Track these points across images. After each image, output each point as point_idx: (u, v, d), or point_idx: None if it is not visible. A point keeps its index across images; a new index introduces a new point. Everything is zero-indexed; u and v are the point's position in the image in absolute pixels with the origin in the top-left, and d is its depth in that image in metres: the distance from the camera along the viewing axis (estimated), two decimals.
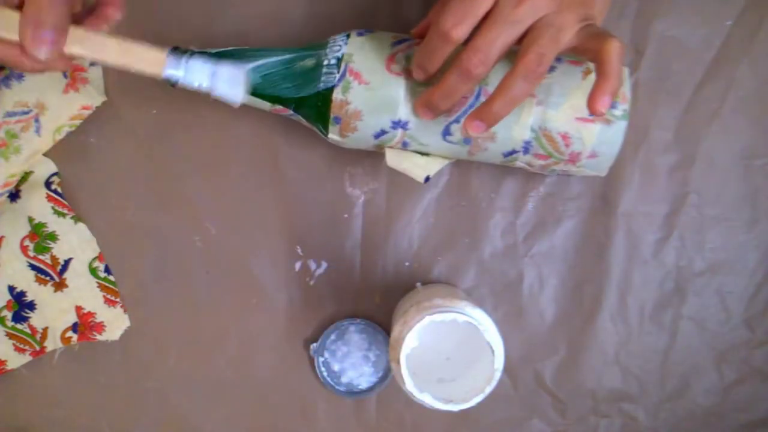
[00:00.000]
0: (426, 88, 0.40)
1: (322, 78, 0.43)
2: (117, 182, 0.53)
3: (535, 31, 0.36)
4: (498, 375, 0.41)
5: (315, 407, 0.54)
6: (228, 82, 0.43)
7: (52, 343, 0.53)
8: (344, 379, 0.54)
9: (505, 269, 0.53)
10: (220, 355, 0.54)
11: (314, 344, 0.53)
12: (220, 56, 0.44)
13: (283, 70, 0.44)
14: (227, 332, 0.54)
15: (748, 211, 0.51)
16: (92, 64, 0.51)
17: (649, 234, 0.52)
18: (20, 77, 0.50)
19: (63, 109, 0.51)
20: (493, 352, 0.41)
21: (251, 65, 0.44)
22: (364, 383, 0.54)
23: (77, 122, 0.51)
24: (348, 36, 0.44)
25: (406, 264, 0.53)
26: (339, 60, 0.43)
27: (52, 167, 0.52)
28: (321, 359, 0.53)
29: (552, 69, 0.42)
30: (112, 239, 0.53)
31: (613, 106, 0.41)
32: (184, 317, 0.54)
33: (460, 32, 0.36)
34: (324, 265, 0.53)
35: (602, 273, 0.52)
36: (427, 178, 0.45)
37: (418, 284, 0.53)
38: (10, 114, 0.50)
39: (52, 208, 0.52)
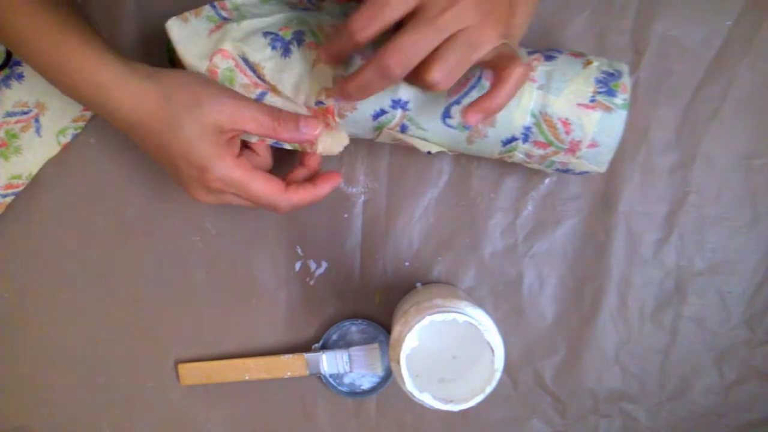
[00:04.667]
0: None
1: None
2: (117, 182, 0.53)
3: (451, 45, 0.36)
4: (498, 375, 0.41)
5: (315, 407, 0.54)
6: (364, 362, 0.52)
7: None
8: (347, 380, 0.54)
9: (505, 269, 0.53)
10: (220, 355, 0.54)
11: (316, 344, 0.53)
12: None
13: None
14: (227, 332, 0.54)
15: (748, 211, 0.51)
16: None
17: (649, 234, 0.52)
18: (20, 77, 0.50)
19: (63, 109, 0.51)
20: (493, 352, 0.41)
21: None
22: (366, 384, 0.54)
23: (81, 124, 0.51)
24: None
25: (406, 264, 0.53)
26: None
27: None
28: None
29: (552, 58, 0.43)
30: (112, 239, 0.53)
31: (612, 94, 0.42)
32: (184, 317, 0.54)
33: (365, 35, 0.36)
34: (324, 265, 0.53)
35: (602, 273, 0.52)
36: (430, 152, 0.45)
37: (418, 284, 0.53)
38: (10, 114, 0.50)
39: None
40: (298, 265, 0.53)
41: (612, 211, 0.52)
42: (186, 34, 0.44)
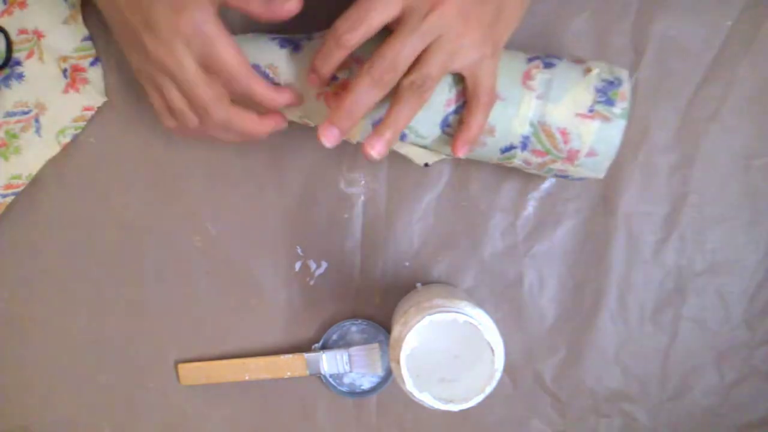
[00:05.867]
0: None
1: None
2: (117, 182, 0.53)
3: (430, 52, 0.38)
4: (498, 375, 0.41)
5: (315, 407, 0.54)
6: (364, 361, 0.52)
7: None
8: (347, 380, 0.54)
9: (505, 269, 0.53)
10: (220, 355, 0.54)
11: (316, 344, 0.53)
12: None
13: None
14: (227, 332, 0.54)
15: (748, 211, 0.51)
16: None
17: (649, 234, 0.52)
18: (20, 77, 0.50)
19: (63, 109, 0.51)
20: (493, 352, 0.41)
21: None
22: (366, 384, 0.54)
23: (81, 124, 0.51)
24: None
25: (406, 264, 0.53)
26: None
27: None
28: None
29: (552, 65, 0.43)
30: (112, 239, 0.53)
31: (611, 103, 0.41)
32: (184, 317, 0.54)
33: (353, 39, 0.37)
34: (324, 265, 0.53)
35: (602, 273, 0.52)
36: (427, 164, 0.46)
37: (418, 284, 0.53)
38: (10, 114, 0.50)
39: None
40: (298, 265, 0.53)
41: (612, 211, 0.52)
42: None
